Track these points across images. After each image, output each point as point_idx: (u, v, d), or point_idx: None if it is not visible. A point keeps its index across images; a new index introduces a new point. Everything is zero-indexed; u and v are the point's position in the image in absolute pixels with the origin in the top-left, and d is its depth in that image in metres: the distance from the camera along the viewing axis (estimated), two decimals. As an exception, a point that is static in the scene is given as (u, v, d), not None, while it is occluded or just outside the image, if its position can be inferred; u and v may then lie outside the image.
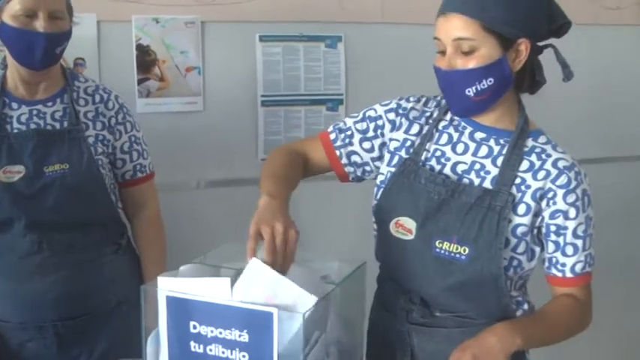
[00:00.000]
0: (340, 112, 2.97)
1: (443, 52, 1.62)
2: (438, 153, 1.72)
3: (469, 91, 1.60)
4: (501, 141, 1.69)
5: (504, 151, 1.67)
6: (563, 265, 1.69)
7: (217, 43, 2.82)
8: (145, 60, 2.74)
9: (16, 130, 2.05)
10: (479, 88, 1.59)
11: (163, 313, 1.47)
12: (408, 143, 1.77)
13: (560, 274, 1.70)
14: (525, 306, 1.76)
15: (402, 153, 1.77)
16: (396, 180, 1.74)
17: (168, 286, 1.46)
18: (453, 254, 1.63)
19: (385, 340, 1.81)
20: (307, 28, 2.92)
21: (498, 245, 1.61)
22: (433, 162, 1.71)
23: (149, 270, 2.22)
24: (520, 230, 1.64)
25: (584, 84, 3.25)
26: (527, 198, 1.63)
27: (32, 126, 2.06)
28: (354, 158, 1.83)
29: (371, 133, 1.81)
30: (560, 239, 1.66)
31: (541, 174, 1.64)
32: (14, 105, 2.08)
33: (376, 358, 1.86)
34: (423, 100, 1.82)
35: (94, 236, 2.12)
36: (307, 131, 2.89)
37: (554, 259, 1.70)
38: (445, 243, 1.63)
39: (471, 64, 1.57)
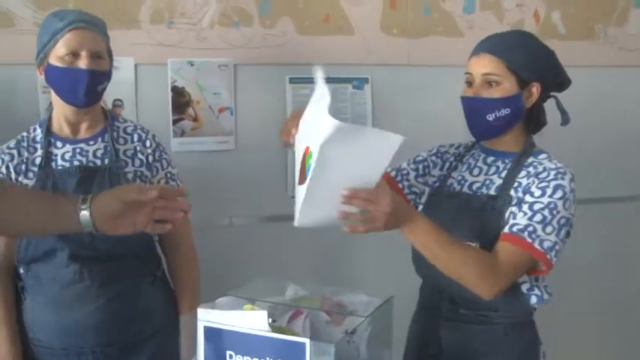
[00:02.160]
0: (367, 151, 3.00)
1: (470, 84, 1.97)
2: (460, 177, 2.07)
3: (489, 117, 1.93)
4: (507, 160, 2.00)
5: (508, 167, 1.98)
6: (508, 224, 1.86)
7: (249, 84, 2.90)
8: (180, 101, 2.82)
9: (60, 167, 2.13)
10: (497, 115, 1.93)
11: (201, 343, 1.52)
12: (442, 177, 2.14)
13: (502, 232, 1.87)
14: (536, 291, 1.94)
15: (438, 183, 2.14)
16: (427, 201, 2.14)
17: (207, 317, 1.52)
18: None
19: (420, 335, 2.12)
20: (335, 70, 2.96)
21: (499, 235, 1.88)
22: (455, 184, 2.06)
23: (183, 302, 2.28)
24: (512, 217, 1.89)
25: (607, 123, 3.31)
26: (519, 193, 1.91)
27: (75, 163, 2.14)
28: (413, 189, 2.19)
29: (421, 171, 2.19)
30: (516, 208, 1.88)
31: (532, 175, 1.92)
32: (59, 144, 2.17)
33: (412, 351, 2.18)
34: (456, 144, 2.21)
35: (132, 268, 2.17)
36: (336, 170, 2.94)
37: (507, 223, 1.88)
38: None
39: (495, 94, 1.92)
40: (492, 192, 1.96)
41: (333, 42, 2.97)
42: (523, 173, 1.94)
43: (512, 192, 1.92)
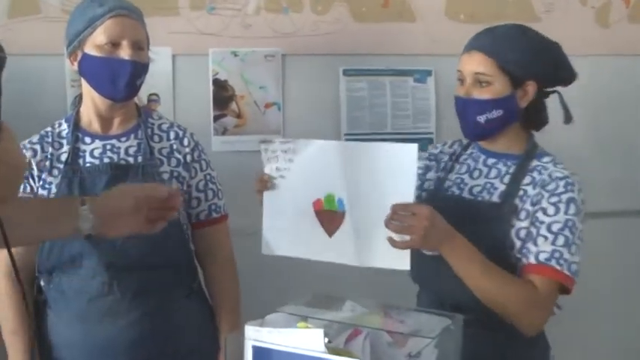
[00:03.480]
0: (430, 152, 2.97)
1: (462, 82, 2.05)
2: (458, 180, 2.14)
3: (480, 118, 2.01)
4: (509, 163, 2.07)
5: (511, 171, 2.05)
6: (530, 251, 1.94)
7: (298, 77, 2.90)
8: (222, 95, 2.82)
9: (88, 164, 2.13)
10: (488, 117, 2.01)
11: (249, 364, 1.49)
12: (438, 179, 2.19)
13: (525, 260, 1.95)
14: None
15: (433, 187, 2.21)
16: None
17: (256, 336, 1.51)
18: None
19: None
20: (395, 61, 2.96)
21: (505, 248, 1.97)
22: (454, 188, 2.12)
23: (223, 318, 2.28)
24: (522, 233, 1.98)
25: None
26: (527, 205, 1.98)
27: (106, 160, 2.14)
28: None
29: (419, 184, 2.17)
30: (534, 230, 1.95)
31: (538, 184, 1.99)
32: (87, 140, 2.17)
33: None
34: (449, 142, 2.28)
35: (166, 278, 2.17)
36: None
37: (524, 249, 1.96)
38: None
39: (485, 95, 2.00)
40: (495, 199, 2.03)
41: (393, 29, 2.94)
42: (527, 179, 2.02)
43: (517, 200, 1.99)
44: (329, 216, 1.90)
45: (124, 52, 2.06)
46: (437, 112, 3.01)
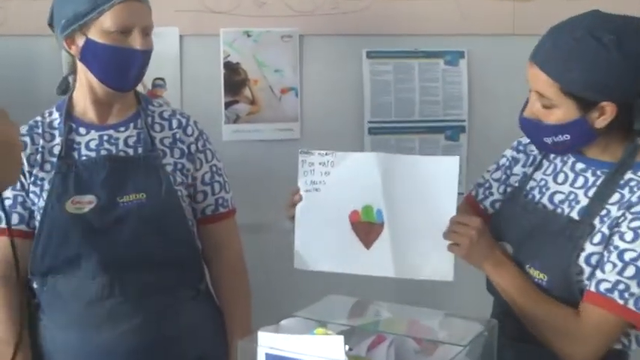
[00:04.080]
0: (462, 141, 2.95)
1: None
2: (542, 182, 2.03)
3: (547, 140, 1.89)
4: (599, 172, 1.91)
5: (599, 182, 1.89)
6: (594, 277, 1.81)
7: (318, 59, 2.88)
8: (234, 80, 2.81)
9: (84, 157, 2.11)
10: (555, 140, 1.87)
11: (262, 373, 1.47)
12: (524, 176, 2.12)
13: (587, 287, 1.82)
14: (622, 339, 1.89)
15: (517, 184, 2.14)
16: (501, 208, 2.14)
17: (269, 343, 1.49)
18: (537, 279, 1.91)
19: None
20: (423, 42, 2.94)
21: (571, 274, 1.85)
22: (536, 191, 2.03)
23: (233, 322, 2.26)
24: (594, 259, 1.84)
25: None
26: (604, 227, 1.83)
27: (103, 152, 2.12)
28: (498, 204, 2.17)
29: (503, 179, 2.18)
30: (606, 255, 1.81)
31: (624, 205, 1.83)
32: (82, 130, 2.15)
33: None
34: None
35: (171, 279, 2.15)
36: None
37: (592, 275, 1.83)
38: (532, 268, 1.92)
39: (549, 119, 1.85)
40: (575, 215, 1.89)
41: (421, 6, 2.91)
42: (615, 197, 1.84)
43: (596, 220, 1.84)
44: (366, 228, 1.96)
45: (136, 42, 2.05)
46: (469, 98, 2.97)
